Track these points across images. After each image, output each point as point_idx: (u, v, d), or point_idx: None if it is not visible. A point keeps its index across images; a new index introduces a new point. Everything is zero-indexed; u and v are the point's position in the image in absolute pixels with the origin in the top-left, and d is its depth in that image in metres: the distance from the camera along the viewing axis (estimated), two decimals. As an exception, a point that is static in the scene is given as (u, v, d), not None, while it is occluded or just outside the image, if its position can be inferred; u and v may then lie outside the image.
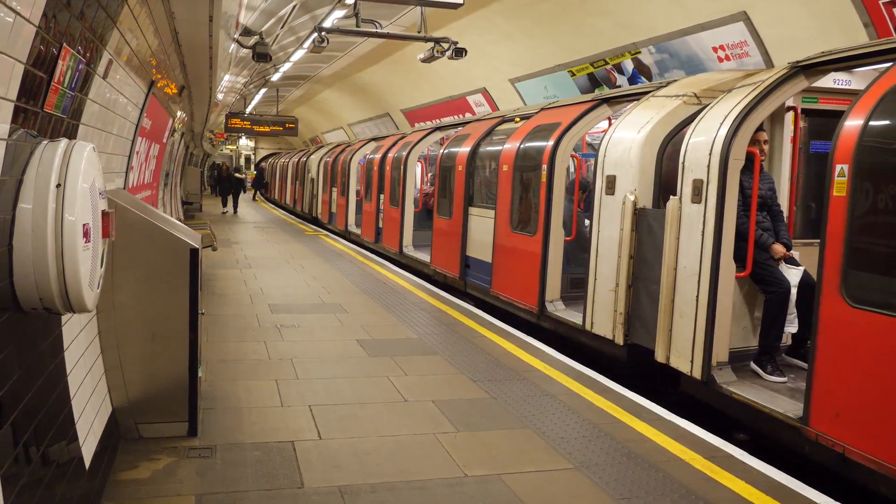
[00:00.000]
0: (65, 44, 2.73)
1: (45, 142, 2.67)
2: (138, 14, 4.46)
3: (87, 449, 3.52)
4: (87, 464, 3.47)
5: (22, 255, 2.48)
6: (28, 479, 2.56)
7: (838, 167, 4.32)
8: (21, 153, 2.48)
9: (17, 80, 2.29)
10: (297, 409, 5.07)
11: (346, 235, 18.09)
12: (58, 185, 2.54)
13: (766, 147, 5.61)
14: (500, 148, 9.32)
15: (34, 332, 2.84)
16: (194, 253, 4.35)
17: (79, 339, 3.65)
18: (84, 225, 2.61)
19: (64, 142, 2.68)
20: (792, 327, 5.43)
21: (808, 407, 4.51)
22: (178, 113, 10.66)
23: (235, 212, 25.98)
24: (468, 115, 15.45)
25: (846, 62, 5.07)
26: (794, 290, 5.39)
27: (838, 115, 5.09)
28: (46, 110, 2.72)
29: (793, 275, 5.44)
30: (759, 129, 5.51)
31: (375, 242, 15.14)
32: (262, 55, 10.16)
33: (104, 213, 2.95)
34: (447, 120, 16.44)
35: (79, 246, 2.57)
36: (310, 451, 4.36)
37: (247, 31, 11.12)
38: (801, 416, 4.58)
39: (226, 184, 26.05)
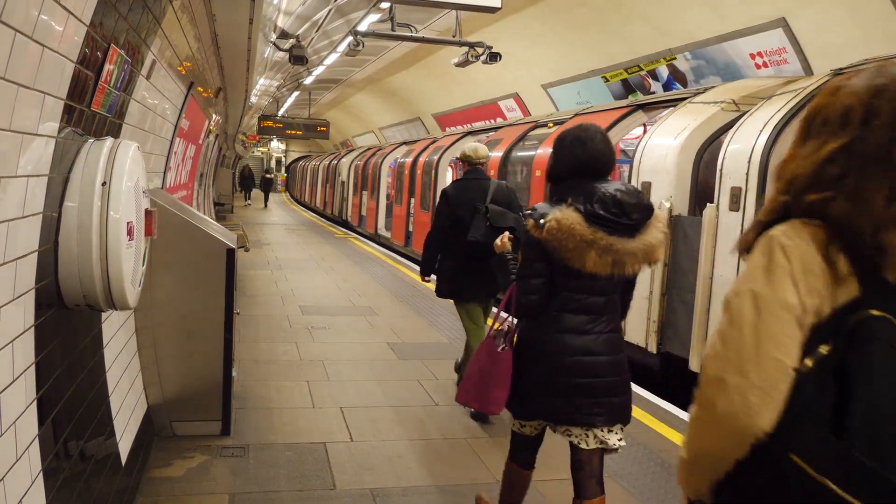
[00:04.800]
0: (112, 44, 2.76)
1: (90, 140, 2.70)
2: (181, 16, 4.51)
3: (124, 445, 3.55)
4: (124, 460, 3.50)
5: (67, 252, 2.51)
6: (67, 474, 2.58)
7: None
8: (68, 151, 2.51)
9: (67, 78, 2.31)
10: (329, 410, 5.09)
11: (375, 238, 18.15)
12: (103, 184, 2.56)
13: (806, 155, 5.52)
14: (532, 153, 9.29)
15: (76, 329, 2.87)
16: (231, 253, 4.38)
17: (117, 337, 3.69)
18: (128, 223, 2.63)
19: (109, 140, 2.71)
20: None
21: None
22: (214, 115, 10.78)
23: (265, 206, 30.84)
24: (500, 121, 15.43)
25: (891, 70, 4.98)
26: None
27: (882, 124, 5.02)
28: (93, 109, 2.75)
29: None
30: (801, 136, 5.43)
31: (405, 246, 15.16)
32: (298, 58, 10.23)
33: (147, 212, 2.97)
34: (478, 125, 16.43)
35: (123, 244, 2.59)
36: (341, 452, 4.37)
37: (283, 34, 11.22)
38: (840, 429, 4.48)
39: (248, 181, 32.59)
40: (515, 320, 3.04)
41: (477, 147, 5.22)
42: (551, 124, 9.56)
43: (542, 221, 2.71)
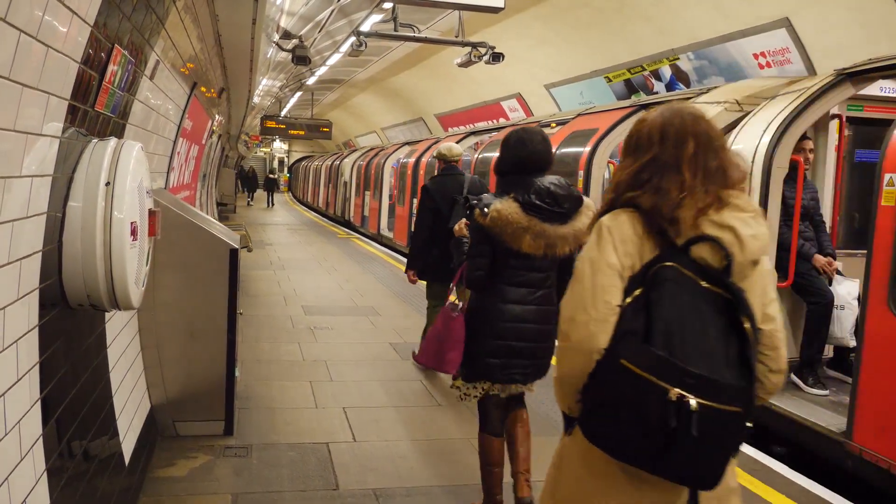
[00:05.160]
0: (116, 44, 2.76)
1: (94, 140, 2.71)
2: (185, 16, 4.51)
3: (127, 445, 3.55)
4: (127, 460, 3.50)
5: (71, 252, 2.51)
6: (71, 474, 2.59)
7: (887, 176, 4.22)
8: (72, 151, 2.51)
9: (71, 78, 2.32)
10: (332, 410, 5.09)
11: (378, 239, 18.15)
12: (107, 184, 2.56)
13: (811, 156, 5.50)
14: (535, 153, 9.28)
15: (80, 329, 2.87)
16: (234, 253, 4.38)
17: (121, 337, 3.69)
18: (132, 223, 2.63)
19: (113, 141, 2.71)
20: (854, 341, 5.26)
21: (851, 421, 4.41)
22: (217, 115, 10.79)
23: (270, 205, 31.92)
24: (502, 121, 15.43)
25: (895, 69, 4.97)
26: (855, 303, 5.20)
27: (885, 124, 5.00)
28: (97, 109, 2.75)
29: (850, 287, 5.26)
30: (805, 137, 5.42)
31: (408, 246, 15.17)
32: (301, 58, 10.24)
33: (151, 212, 2.98)
34: (481, 125, 16.43)
35: (126, 244, 2.59)
36: (344, 453, 4.37)
37: (286, 35, 11.22)
38: (844, 430, 4.48)
39: (251, 181, 34.75)
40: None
41: (451, 146, 5.97)
42: (554, 124, 9.55)
43: (486, 210, 3.21)
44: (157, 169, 5.11)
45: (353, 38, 10.28)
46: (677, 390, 1.68)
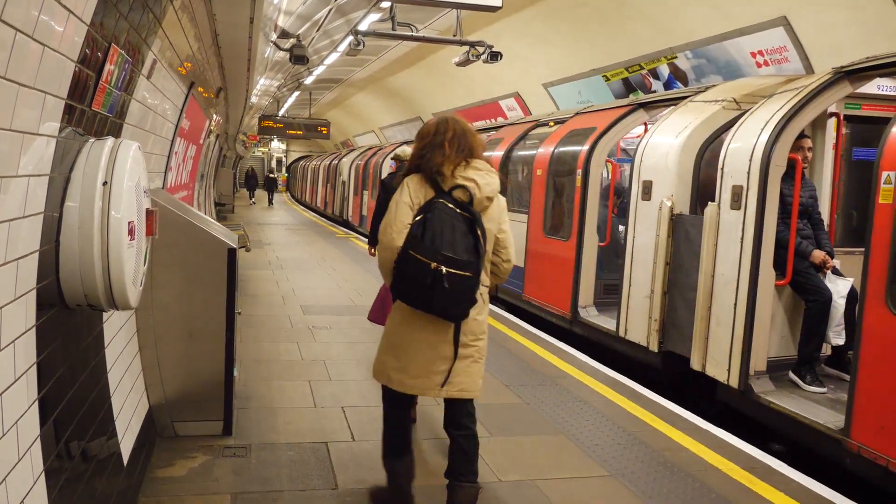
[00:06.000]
0: (113, 43, 2.76)
1: (91, 140, 2.70)
2: (182, 15, 4.50)
3: (126, 446, 3.55)
4: (125, 460, 3.50)
5: (68, 251, 2.50)
6: (69, 474, 2.58)
7: (885, 174, 4.23)
8: (69, 151, 2.51)
9: (68, 78, 2.31)
10: (331, 410, 5.08)
11: (376, 238, 18.10)
12: (104, 183, 2.56)
13: (809, 154, 5.51)
14: (533, 152, 9.29)
15: (78, 329, 2.87)
16: (232, 253, 4.37)
17: (119, 337, 3.69)
18: (129, 223, 2.63)
19: (110, 140, 2.71)
20: (839, 339, 5.29)
21: (849, 418, 4.41)
22: (215, 115, 10.78)
23: (270, 204, 32.46)
24: (500, 120, 15.42)
25: (893, 67, 4.97)
26: (842, 302, 5.24)
27: (882, 122, 5.01)
28: (94, 109, 2.75)
29: (841, 286, 5.30)
30: (803, 135, 5.42)
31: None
32: (299, 57, 10.21)
33: (148, 212, 2.97)
34: (479, 124, 16.42)
35: (124, 243, 2.58)
36: (343, 452, 4.36)
37: (284, 34, 11.21)
38: (842, 427, 4.48)
39: (251, 181, 35.79)
40: None
41: (405, 149, 6.66)
42: (552, 123, 9.54)
43: None
44: (154, 169, 5.11)
45: (350, 38, 10.27)
46: (436, 264, 3.08)
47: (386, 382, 3.43)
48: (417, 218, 3.17)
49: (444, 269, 3.05)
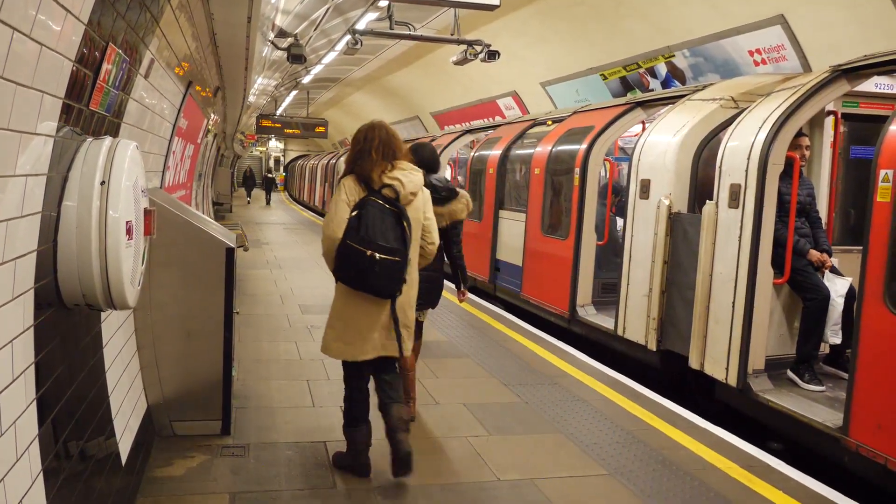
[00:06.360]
0: (110, 43, 2.75)
1: (89, 139, 2.70)
2: (179, 15, 4.50)
3: (124, 445, 3.55)
4: (124, 460, 3.49)
5: (66, 251, 2.50)
6: (67, 474, 2.58)
7: (883, 172, 4.23)
8: (67, 150, 2.50)
9: (66, 77, 2.31)
10: (329, 409, 5.07)
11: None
12: (102, 183, 2.55)
13: (807, 153, 5.51)
14: (531, 151, 9.29)
15: (76, 329, 2.86)
16: (230, 252, 4.37)
17: (117, 336, 3.68)
18: (127, 222, 2.62)
19: (108, 140, 2.70)
20: (836, 338, 5.30)
21: (848, 417, 4.42)
22: (212, 114, 10.76)
23: (268, 203, 32.95)
24: (498, 118, 15.42)
25: (890, 66, 4.97)
26: (840, 301, 5.25)
27: (880, 120, 5.01)
28: (92, 108, 2.74)
29: (839, 285, 5.31)
30: (801, 134, 5.42)
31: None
32: (297, 56, 10.19)
33: (146, 211, 2.97)
34: (477, 123, 16.41)
35: (122, 243, 2.58)
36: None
37: (281, 33, 11.20)
38: (840, 425, 4.49)
39: (249, 181, 36.60)
40: None
41: None
42: (550, 122, 9.54)
43: None
44: (152, 168, 5.10)
45: (348, 37, 10.26)
46: (370, 251, 3.64)
47: (329, 353, 3.98)
48: (354, 213, 3.72)
49: (377, 255, 3.64)
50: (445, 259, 5.06)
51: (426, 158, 4.94)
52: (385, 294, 3.79)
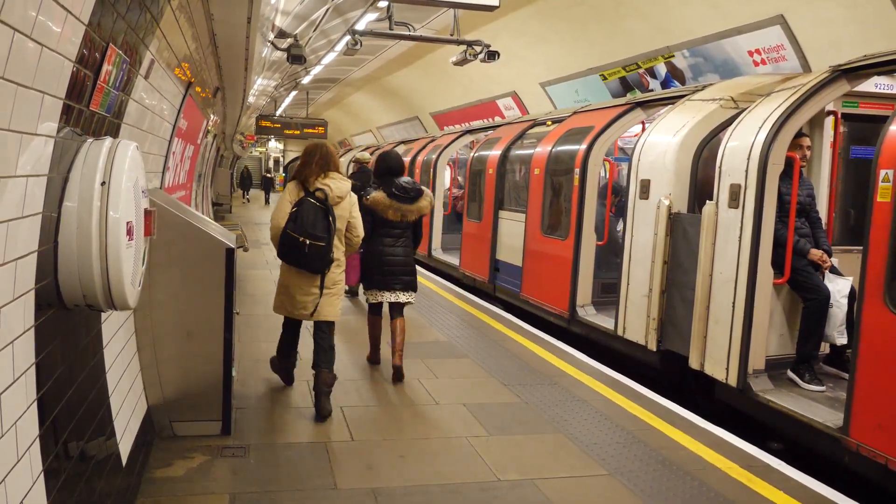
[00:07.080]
0: (111, 43, 2.75)
1: (89, 140, 2.69)
2: (179, 15, 4.50)
3: (124, 446, 3.55)
4: (124, 461, 3.49)
5: (67, 252, 2.50)
6: (68, 474, 2.58)
7: (883, 172, 4.23)
8: (67, 151, 2.50)
9: (66, 78, 2.31)
10: (329, 409, 5.07)
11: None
12: (102, 183, 2.55)
13: (807, 153, 5.51)
14: (531, 151, 9.29)
15: (77, 329, 2.86)
16: (230, 252, 4.37)
17: (117, 337, 3.68)
18: (128, 223, 2.62)
19: (108, 140, 2.70)
20: (843, 339, 5.29)
21: (848, 416, 4.42)
22: (212, 115, 10.76)
23: (267, 203, 33.45)
24: (498, 119, 15.41)
25: (890, 66, 4.97)
26: (844, 301, 5.24)
27: (880, 120, 5.01)
28: (92, 109, 2.74)
29: (841, 285, 5.30)
30: (801, 134, 5.42)
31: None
32: (296, 57, 10.18)
33: (146, 212, 2.97)
34: (476, 123, 16.41)
35: (122, 243, 2.58)
36: (342, 452, 4.36)
37: (281, 34, 11.19)
38: (840, 425, 4.49)
39: (246, 181, 37.85)
40: None
41: (364, 155, 9.60)
42: (550, 122, 9.54)
43: (368, 197, 5.78)
44: (152, 169, 5.10)
45: (348, 37, 10.25)
46: (303, 238, 4.67)
47: (281, 312, 5.29)
48: (293, 209, 4.78)
49: (308, 241, 4.69)
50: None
51: (392, 164, 5.94)
52: (314, 270, 4.86)
